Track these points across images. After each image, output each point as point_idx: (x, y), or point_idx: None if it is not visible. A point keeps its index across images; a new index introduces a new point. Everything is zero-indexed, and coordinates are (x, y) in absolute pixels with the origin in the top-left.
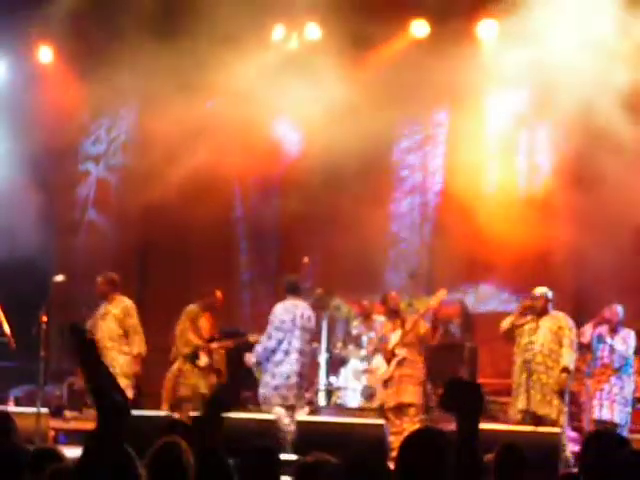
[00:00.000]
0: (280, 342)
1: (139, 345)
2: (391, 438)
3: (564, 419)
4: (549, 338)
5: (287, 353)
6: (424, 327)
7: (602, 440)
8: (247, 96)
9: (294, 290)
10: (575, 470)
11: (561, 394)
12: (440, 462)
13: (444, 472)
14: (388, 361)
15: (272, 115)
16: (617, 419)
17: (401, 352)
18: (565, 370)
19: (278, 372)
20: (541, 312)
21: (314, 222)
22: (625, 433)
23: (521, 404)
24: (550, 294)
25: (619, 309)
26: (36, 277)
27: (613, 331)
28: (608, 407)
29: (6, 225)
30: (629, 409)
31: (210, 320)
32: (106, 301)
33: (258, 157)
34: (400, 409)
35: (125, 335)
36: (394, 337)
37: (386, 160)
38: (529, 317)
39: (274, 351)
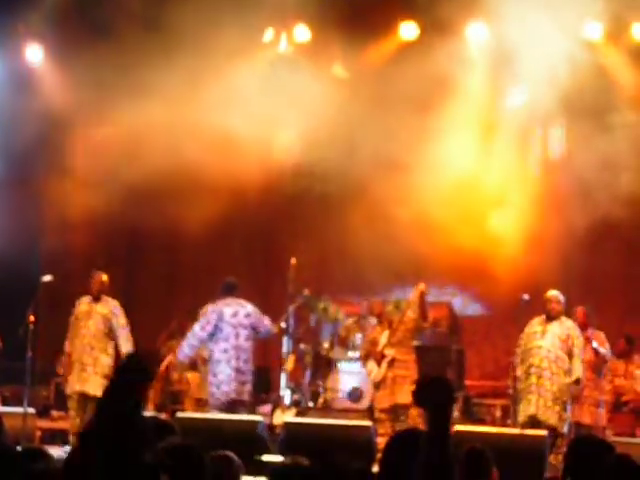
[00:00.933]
0: (211, 336)
1: (125, 345)
2: (379, 439)
3: (565, 426)
4: (557, 345)
5: (225, 351)
6: (410, 317)
7: (587, 445)
8: (236, 99)
9: (228, 290)
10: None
11: (564, 402)
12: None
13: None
14: (379, 363)
15: (261, 117)
16: (587, 420)
17: (390, 352)
18: (578, 381)
19: (218, 370)
20: (554, 316)
21: (302, 223)
22: (601, 434)
23: (526, 409)
24: (562, 297)
25: (583, 310)
26: (24, 276)
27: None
28: (579, 409)
29: None
30: (602, 410)
31: None
32: (93, 300)
33: (246, 158)
34: (395, 411)
35: (109, 336)
36: (383, 338)
37: (375, 161)
38: (537, 320)
39: (213, 350)
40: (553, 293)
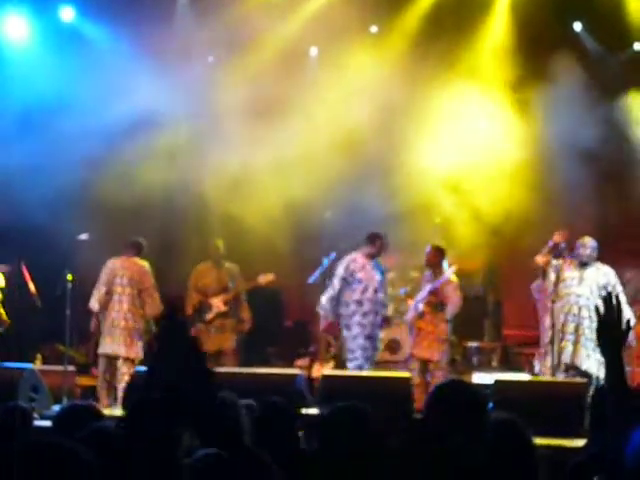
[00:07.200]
0: None
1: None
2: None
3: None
4: (596, 292)
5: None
6: (454, 296)
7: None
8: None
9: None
10: None
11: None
12: (473, 414)
13: (478, 424)
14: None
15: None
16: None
17: (420, 305)
18: (627, 323)
19: None
20: (585, 262)
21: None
22: None
23: (565, 357)
24: (596, 244)
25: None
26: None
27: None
28: None
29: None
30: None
31: None
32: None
33: None
34: (417, 361)
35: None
36: (427, 288)
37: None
38: (567, 261)
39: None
40: (587, 238)
